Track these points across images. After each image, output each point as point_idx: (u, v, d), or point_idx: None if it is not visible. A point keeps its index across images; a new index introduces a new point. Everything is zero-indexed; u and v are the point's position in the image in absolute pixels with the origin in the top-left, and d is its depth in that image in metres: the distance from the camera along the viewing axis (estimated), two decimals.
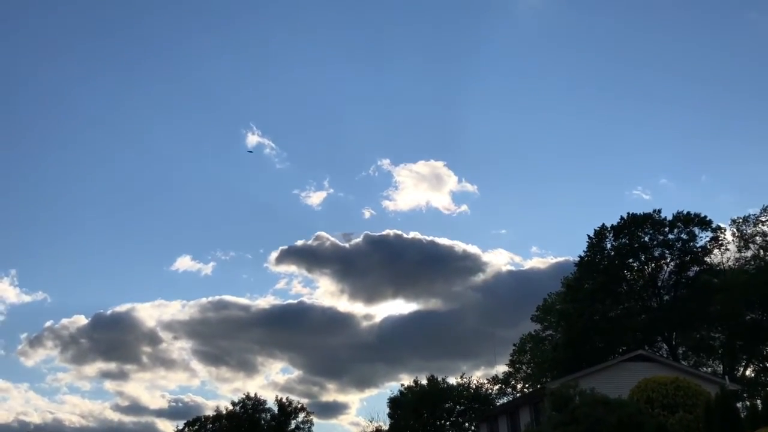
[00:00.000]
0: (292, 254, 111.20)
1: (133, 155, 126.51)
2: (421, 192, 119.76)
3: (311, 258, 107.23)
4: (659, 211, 53.04)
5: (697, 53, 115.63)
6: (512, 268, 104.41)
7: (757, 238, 51.57)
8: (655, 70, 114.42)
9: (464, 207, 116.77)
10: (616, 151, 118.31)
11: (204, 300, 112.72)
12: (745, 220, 52.18)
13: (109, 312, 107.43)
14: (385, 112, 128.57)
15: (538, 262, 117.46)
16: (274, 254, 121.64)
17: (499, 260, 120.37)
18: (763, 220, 51.54)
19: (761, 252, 50.95)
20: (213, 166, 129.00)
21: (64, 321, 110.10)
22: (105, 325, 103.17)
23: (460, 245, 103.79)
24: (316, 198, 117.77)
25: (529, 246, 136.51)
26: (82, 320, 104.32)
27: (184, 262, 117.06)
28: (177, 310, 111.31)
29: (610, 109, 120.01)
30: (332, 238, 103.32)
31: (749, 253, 51.73)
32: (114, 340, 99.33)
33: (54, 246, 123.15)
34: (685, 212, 52.75)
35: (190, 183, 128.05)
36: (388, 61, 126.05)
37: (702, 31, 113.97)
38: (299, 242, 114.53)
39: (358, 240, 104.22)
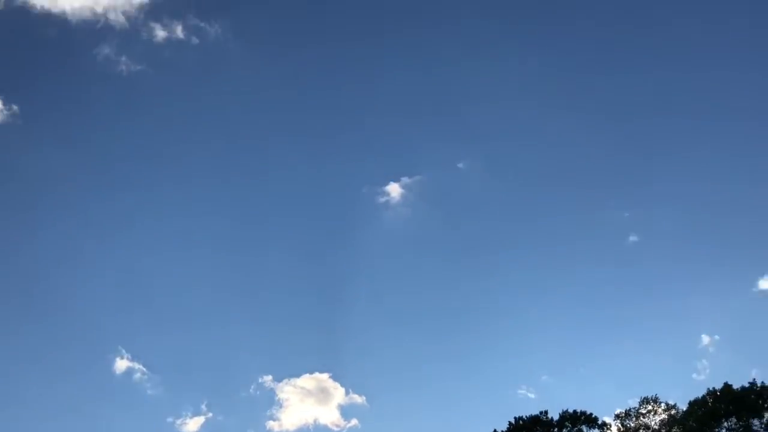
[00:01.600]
0: None
1: None
2: (307, 408, 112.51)
3: None
4: (546, 412, 52.05)
5: (564, 247, 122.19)
6: None
7: (641, 431, 51.61)
8: (520, 263, 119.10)
9: (354, 421, 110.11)
10: (497, 351, 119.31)
11: None
12: (627, 414, 52.33)
13: None
14: (262, 327, 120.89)
15: None
16: None
17: None
18: (643, 412, 52.00)
19: None
20: (75, 397, 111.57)
21: None
22: None
23: None
24: (193, 424, 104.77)
25: None
26: None
27: None
28: None
29: (485, 310, 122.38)
30: None
31: None
32: None
33: None
34: (571, 410, 52.04)
35: (47, 420, 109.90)
36: (263, 272, 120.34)
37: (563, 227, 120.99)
38: None
39: None
